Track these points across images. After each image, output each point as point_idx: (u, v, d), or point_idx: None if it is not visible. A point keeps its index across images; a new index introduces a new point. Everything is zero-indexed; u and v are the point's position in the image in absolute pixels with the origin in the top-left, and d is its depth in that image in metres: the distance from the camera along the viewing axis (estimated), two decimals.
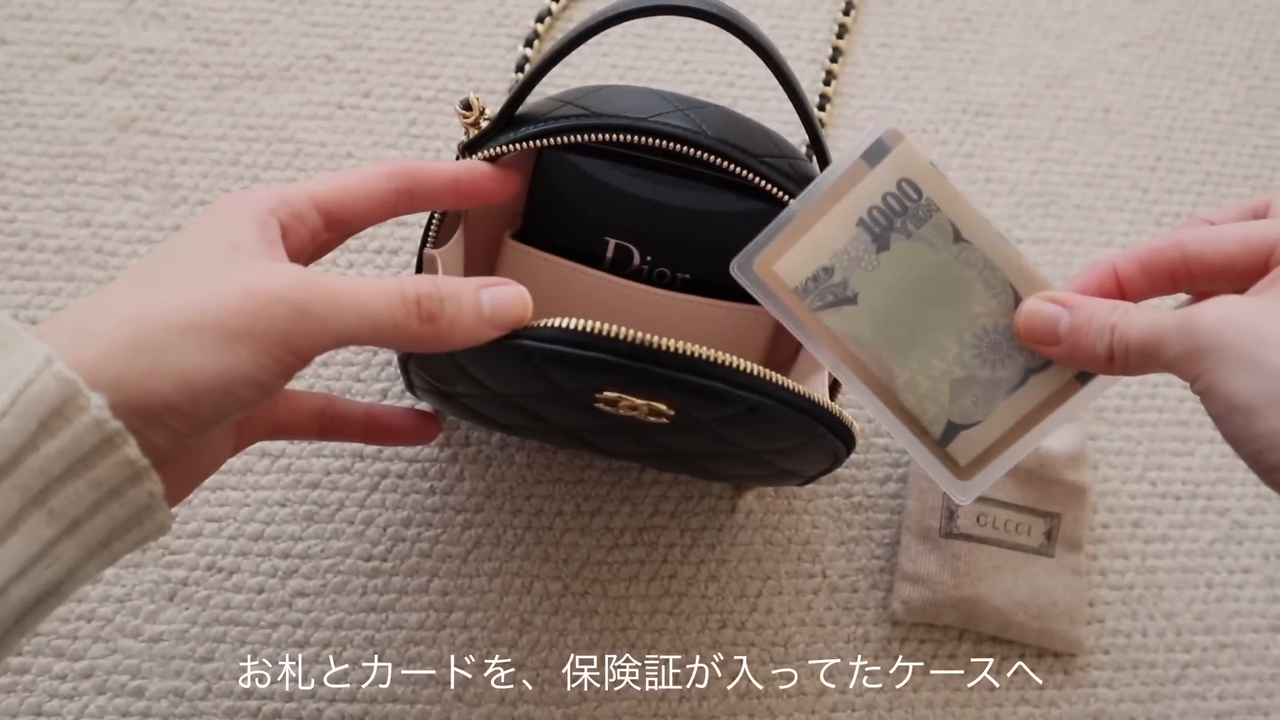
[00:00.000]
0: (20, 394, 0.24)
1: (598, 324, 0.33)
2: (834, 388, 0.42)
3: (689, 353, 0.33)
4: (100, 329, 0.27)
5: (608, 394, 0.34)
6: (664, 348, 0.33)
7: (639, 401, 0.34)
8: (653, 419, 0.34)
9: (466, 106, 0.39)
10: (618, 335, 0.33)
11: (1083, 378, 0.37)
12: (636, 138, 0.36)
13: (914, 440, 0.37)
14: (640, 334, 0.33)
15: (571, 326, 0.33)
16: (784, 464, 0.39)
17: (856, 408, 0.52)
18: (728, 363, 0.33)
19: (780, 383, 0.34)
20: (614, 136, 0.36)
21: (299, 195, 0.33)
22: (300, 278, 0.29)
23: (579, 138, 0.37)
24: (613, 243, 0.41)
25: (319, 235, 0.34)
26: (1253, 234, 0.32)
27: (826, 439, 0.36)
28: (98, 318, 0.27)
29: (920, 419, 0.37)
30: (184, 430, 0.28)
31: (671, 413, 0.34)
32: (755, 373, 0.34)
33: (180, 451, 0.30)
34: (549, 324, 0.33)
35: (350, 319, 0.29)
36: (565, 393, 0.35)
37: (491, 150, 0.38)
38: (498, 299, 0.32)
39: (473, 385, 0.37)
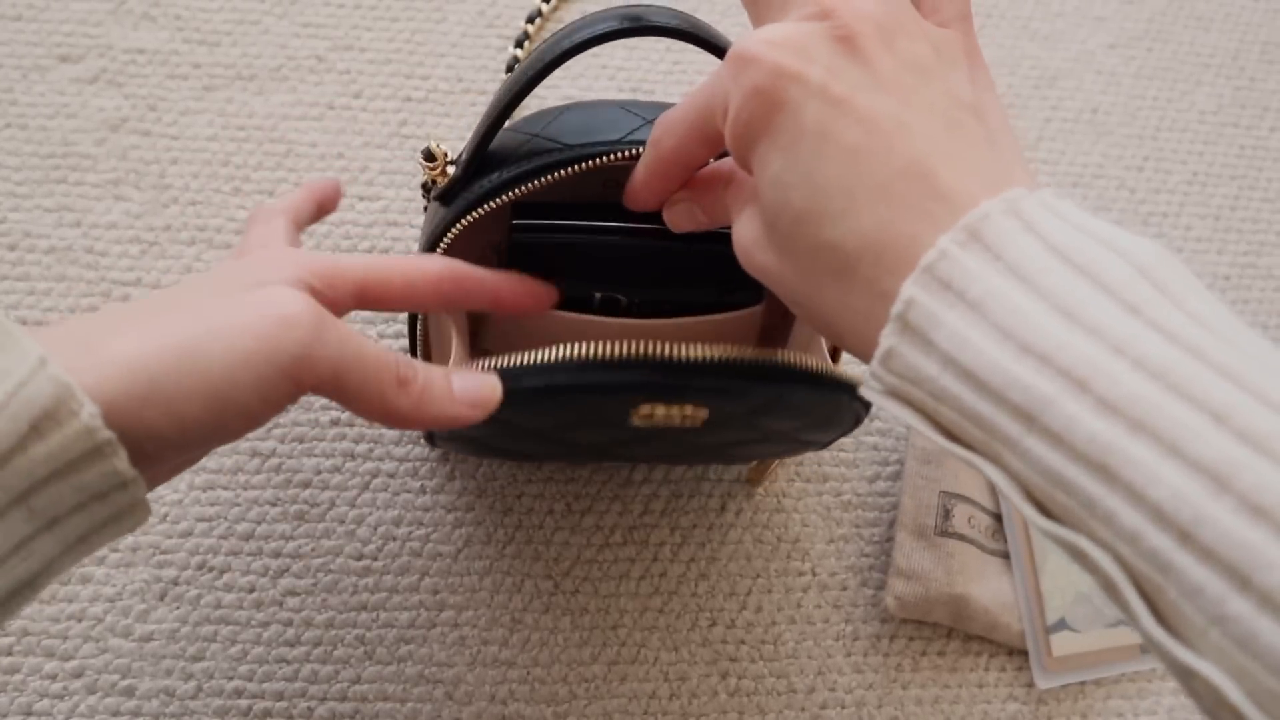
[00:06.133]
0: (13, 395, 0.24)
1: (623, 345, 0.33)
2: (834, 354, 0.45)
3: (721, 357, 0.33)
4: (98, 345, 0.26)
5: (643, 409, 0.34)
6: (696, 357, 0.33)
7: (673, 410, 0.34)
8: (688, 423, 0.35)
9: (429, 157, 0.38)
10: (647, 353, 0.33)
11: (1144, 647, 0.48)
12: (621, 152, 0.36)
13: (1030, 612, 0.48)
14: (669, 347, 0.33)
15: (599, 354, 0.33)
16: (808, 436, 0.40)
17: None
18: (758, 358, 0.34)
19: (808, 366, 0.35)
20: (595, 163, 0.36)
21: (344, 275, 0.33)
22: (314, 306, 0.29)
23: (564, 172, 0.36)
24: (599, 295, 0.42)
25: (346, 309, 0.34)
26: None
27: (851, 406, 0.37)
28: (97, 334, 0.27)
29: (1045, 601, 0.48)
30: (166, 458, 0.27)
31: (705, 414, 0.35)
32: (784, 361, 0.34)
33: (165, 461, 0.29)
34: (575, 353, 0.33)
35: (350, 356, 0.29)
36: (600, 417, 0.35)
37: (475, 215, 0.37)
38: (466, 383, 0.33)
39: (502, 427, 0.37)
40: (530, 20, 0.59)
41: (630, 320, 0.41)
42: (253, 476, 0.48)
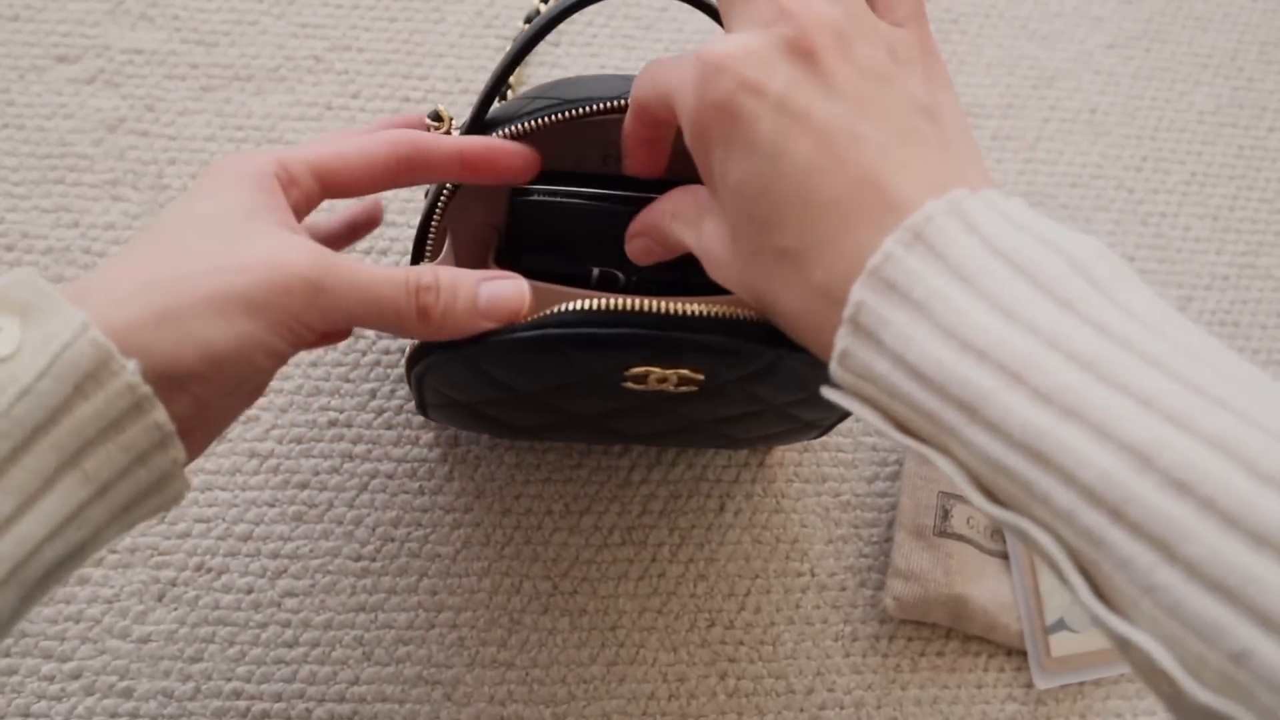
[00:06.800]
0: (57, 357, 0.25)
1: (620, 300, 0.33)
2: None
3: (715, 314, 0.33)
4: (128, 297, 0.28)
5: (636, 370, 0.34)
6: (690, 313, 0.33)
7: (668, 372, 0.34)
8: (683, 389, 0.35)
9: (436, 118, 0.39)
10: (643, 308, 0.33)
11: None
12: (615, 102, 0.37)
13: (1029, 612, 0.48)
14: (664, 303, 0.33)
15: (596, 306, 0.33)
16: (806, 415, 0.40)
17: None
18: (752, 318, 0.34)
19: None
20: (593, 108, 0.37)
21: (296, 161, 0.34)
22: (320, 257, 0.30)
23: (559, 115, 0.37)
24: (596, 270, 0.42)
25: (314, 200, 0.35)
26: None
27: None
28: (125, 285, 0.28)
29: (1044, 601, 0.48)
30: (206, 397, 0.29)
31: (700, 378, 0.34)
32: None
33: (201, 420, 0.30)
34: (571, 308, 0.33)
35: (362, 300, 0.31)
36: (595, 376, 0.35)
37: None
38: (495, 292, 0.34)
39: (497, 390, 0.37)
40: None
41: (624, 296, 0.42)
42: (250, 477, 0.48)
